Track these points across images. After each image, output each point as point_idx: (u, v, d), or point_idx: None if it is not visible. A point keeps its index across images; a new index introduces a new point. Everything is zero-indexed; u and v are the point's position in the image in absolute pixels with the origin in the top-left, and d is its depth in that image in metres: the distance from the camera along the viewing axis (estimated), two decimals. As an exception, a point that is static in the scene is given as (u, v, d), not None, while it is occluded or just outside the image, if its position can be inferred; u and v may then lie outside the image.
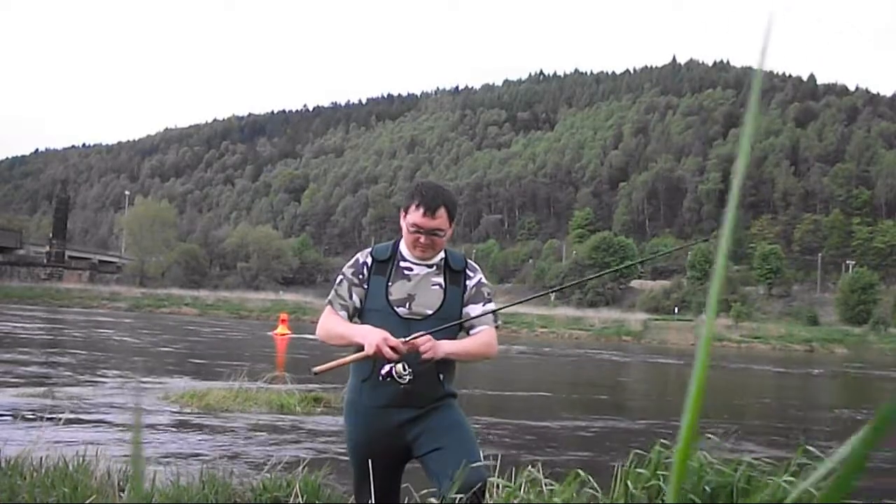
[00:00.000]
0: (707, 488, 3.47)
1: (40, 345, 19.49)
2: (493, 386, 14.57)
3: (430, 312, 2.87)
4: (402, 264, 2.95)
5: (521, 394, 14.08)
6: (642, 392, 17.31)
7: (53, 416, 6.66)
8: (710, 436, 3.59)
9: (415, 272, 2.94)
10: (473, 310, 2.95)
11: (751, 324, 55.14)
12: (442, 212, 2.92)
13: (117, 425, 7.88)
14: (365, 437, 2.88)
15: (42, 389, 10.03)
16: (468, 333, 2.98)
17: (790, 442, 7.44)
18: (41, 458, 4.22)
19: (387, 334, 2.74)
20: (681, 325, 54.63)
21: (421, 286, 2.92)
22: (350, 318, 2.97)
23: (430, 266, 2.96)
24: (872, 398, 17.35)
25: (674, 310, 64.03)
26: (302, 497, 4.11)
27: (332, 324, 2.95)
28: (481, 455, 2.86)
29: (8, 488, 3.76)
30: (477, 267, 3.07)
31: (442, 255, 3.00)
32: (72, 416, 7.62)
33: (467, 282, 2.98)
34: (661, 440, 3.61)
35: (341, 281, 2.99)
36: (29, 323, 28.48)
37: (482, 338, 2.93)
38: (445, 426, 2.84)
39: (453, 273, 2.95)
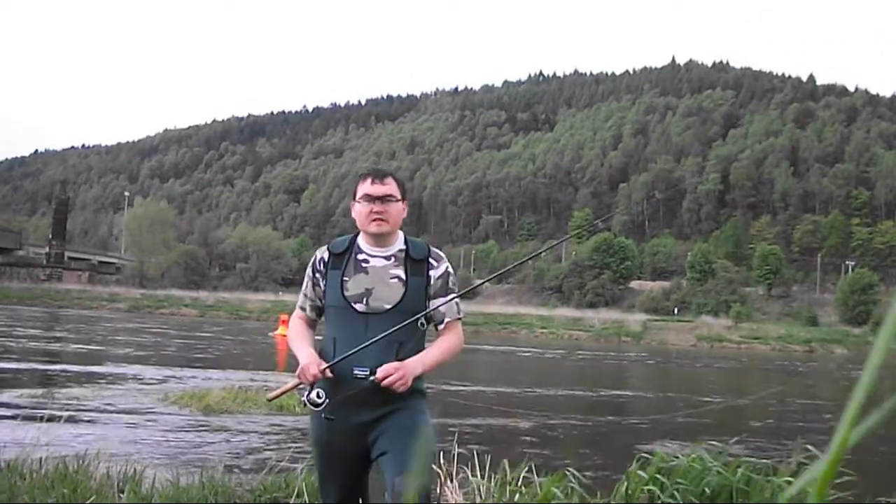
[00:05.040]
0: (707, 489, 3.48)
1: (40, 346, 19.47)
2: (494, 384, 14.57)
3: (388, 307, 2.72)
4: (360, 257, 2.81)
5: (520, 392, 14.08)
6: (642, 392, 17.31)
7: (53, 416, 6.65)
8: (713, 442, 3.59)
9: (371, 264, 2.79)
10: (441, 303, 2.80)
11: (750, 324, 55.11)
12: (390, 180, 2.85)
13: (117, 426, 7.88)
14: (327, 437, 2.77)
15: (42, 390, 10.03)
16: (436, 326, 2.84)
17: (787, 443, 7.44)
18: (41, 459, 4.22)
19: (312, 361, 2.68)
20: (680, 326, 54.61)
21: (379, 279, 2.77)
22: (319, 316, 2.91)
23: (387, 258, 2.81)
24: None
25: (673, 311, 64.02)
26: (301, 498, 4.11)
27: (290, 334, 2.91)
28: (429, 462, 2.76)
29: (7, 489, 3.76)
30: (442, 255, 2.89)
31: (402, 244, 2.85)
32: (71, 416, 7.61)
33: (431, 272, 2.81)
34: (664, 443, 3.62)
35: (305, 282, 2.91)
36: (28, 324, 28.46)
37: (453, 338, 2.82)
38: (400, 429, 2.70)
39: (415, 263, 2.80)
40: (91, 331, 26.57)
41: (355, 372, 2.68)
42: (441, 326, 2.83)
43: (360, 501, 2.91)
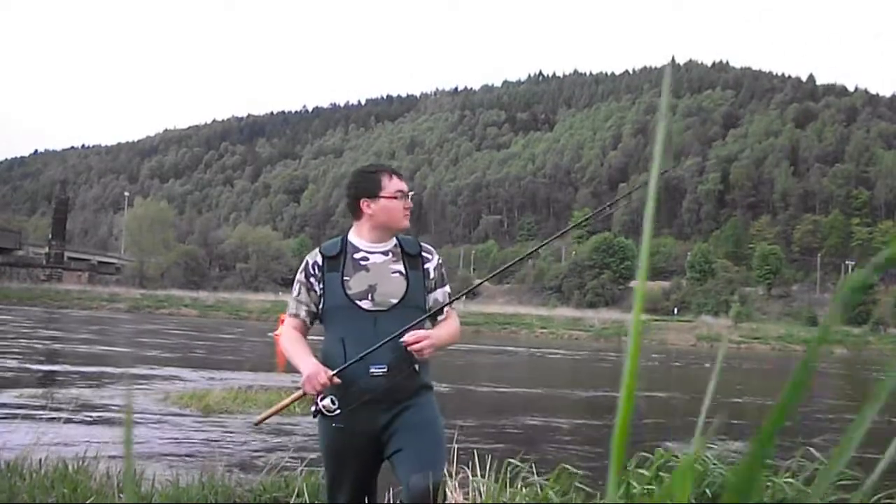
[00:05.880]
0: (708, 491, 3.48)
1: (40, 346, 19.47)
2: (493, 383, 14.56)
3: (395, 301, 2.74)
4: (357, 255, 2.81)
5: (521, 391, 14.08)
6: (643, 392, 17.31)
7: (53, 416, 6.65)
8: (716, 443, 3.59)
9: (371, 261, 2.80)
10: (440, 294, 2.87)
11: (750, 324, 55.13)
12: None
13: (117, 425, 7.87)
14: (340, 442, 2.75)
15: (42, 390, 10.03)
16: (435, 317, 2.86)
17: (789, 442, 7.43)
18: (41, 459, 4.21)
19: (319, 369, 2.64)
20: (680, 325, 54.62)
21: (381, 275, 2.78)
22: (312, 322, 2.89)
23: (385, 253, 2.82)
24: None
25: (673, 310, 64.04)
26: (301, 497, 4.10)
27: (286, 343, 2.87)
28: (444, 459, 2.75)
29: (7, 489, 3.75)
30: (432, 248, 2.95)
31: (394, 240, 2.87)
32: (72, 416, 7.61)
33: (427, 265, 2.86)
34: (666, 442, 3.61)
35: (298, 288, 2.86)
36: (28, 324, 28.45)
37: (454, 324, 2.88)
38: (412, 425, 2.70)
39: (411, 258, 2.84)
40: (90, 331, 26.55)
41: (372, 370, 2.68)
42: (441, 317, 2.88)
43: (367, 501, 2.90)
